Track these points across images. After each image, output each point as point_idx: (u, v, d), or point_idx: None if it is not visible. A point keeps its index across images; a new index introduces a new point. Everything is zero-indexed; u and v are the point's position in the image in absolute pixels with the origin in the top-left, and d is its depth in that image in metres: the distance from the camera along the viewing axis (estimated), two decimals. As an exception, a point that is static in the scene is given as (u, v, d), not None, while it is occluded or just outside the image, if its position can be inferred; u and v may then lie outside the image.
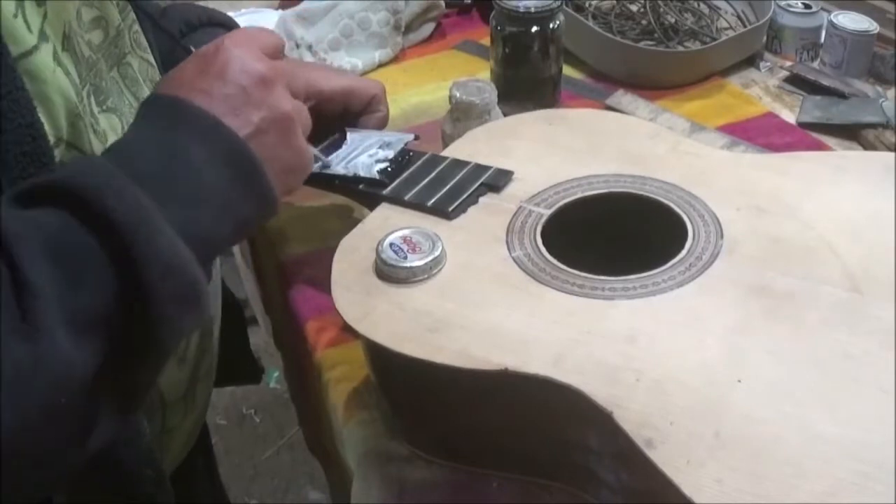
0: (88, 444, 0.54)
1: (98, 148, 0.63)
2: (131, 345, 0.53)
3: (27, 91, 0.55)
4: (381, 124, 0.87)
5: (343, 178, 0.81)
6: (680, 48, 1.15)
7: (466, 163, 0.79)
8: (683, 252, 0.68)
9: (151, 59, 0.75)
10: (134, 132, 0.61)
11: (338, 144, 0.84)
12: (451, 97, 0.90)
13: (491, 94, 0.90)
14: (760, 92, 1.12)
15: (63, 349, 0.49)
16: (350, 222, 0.80)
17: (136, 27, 0.74)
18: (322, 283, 0.73)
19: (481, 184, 0.77)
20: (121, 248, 0.52)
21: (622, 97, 1.08)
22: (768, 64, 1.16)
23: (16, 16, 0.55)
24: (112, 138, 0.65)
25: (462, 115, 0.90)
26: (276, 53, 0.69)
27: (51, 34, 0.59)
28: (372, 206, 0.78)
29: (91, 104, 0.64)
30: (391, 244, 0.69)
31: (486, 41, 1.09)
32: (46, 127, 0.57)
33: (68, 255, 0.51)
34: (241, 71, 0.64)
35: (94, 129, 0.63)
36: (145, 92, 0.72)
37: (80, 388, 0.51)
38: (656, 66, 1.13)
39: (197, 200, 0.58)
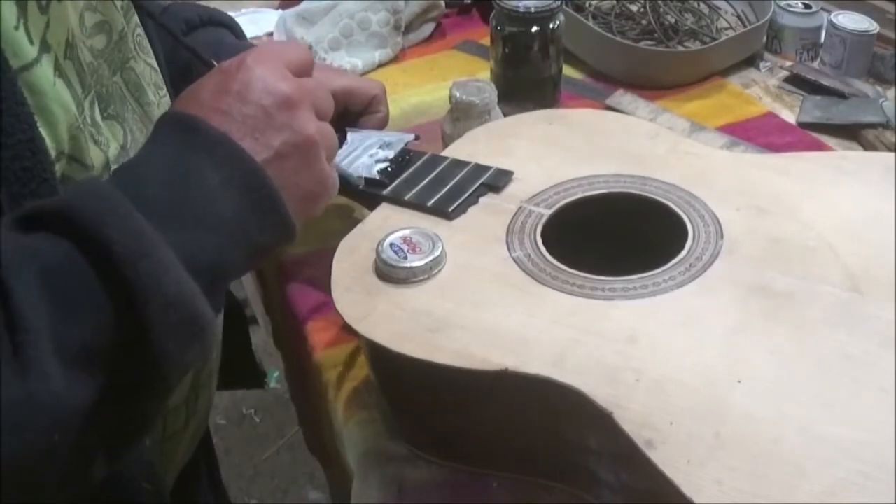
0: (90, 476, 0.53)
1: (99, 159, 0.61)
2: (132, 379, 0.52)
3: (28, 105, 0.53)
4: (382, 124, 0.86)
5: (343, 177, 0.81)
6: (680, 48, 1.15)
7: (466, 163, 0.79)
8: (683, 252, 0.68)
9: (155, 64, 0.75)
10: (146, 151, 0.59)
11: (338, 144, 0.84)
12: (451, 97, 0.90)
13: (491, 94, 0.90)
14: (760, 92, 1.12)
15: (55, 385, 0.47)
16: (350, 222, 0.80)
17: (140, 31, 0.73)
18: (322, 283, 0.73)
19: (481, 184, 0.77)
20: (119, 280, 0.50)
21: (622, 97, 1.08)
22: (768, 64, 1.16)
23: (17, 27, 0.54)
24: (114, 146, 0.64)
25: (462, 115, 0.90)
26: (304, 70, 0.66)
27: (53, 43, 0.57)
28: (372, 206, 0.78)
29: (94, 112, 0.63)
30: (391, 244, 0.69)
31: (486, 41, 1.09)
32: (47, 141, 0.55)
33: (64, 286, 0.49)
34: (263, 91, 0.61)
35: (96, 139, 0.62)
36: (149, 97, 0.71)
37: (75, 423, 0.49)
38: (656, 66, 1.13)
39: (208, 227, 0.56)
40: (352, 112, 0.85)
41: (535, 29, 1.00)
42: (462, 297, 0.66)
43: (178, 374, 0.54)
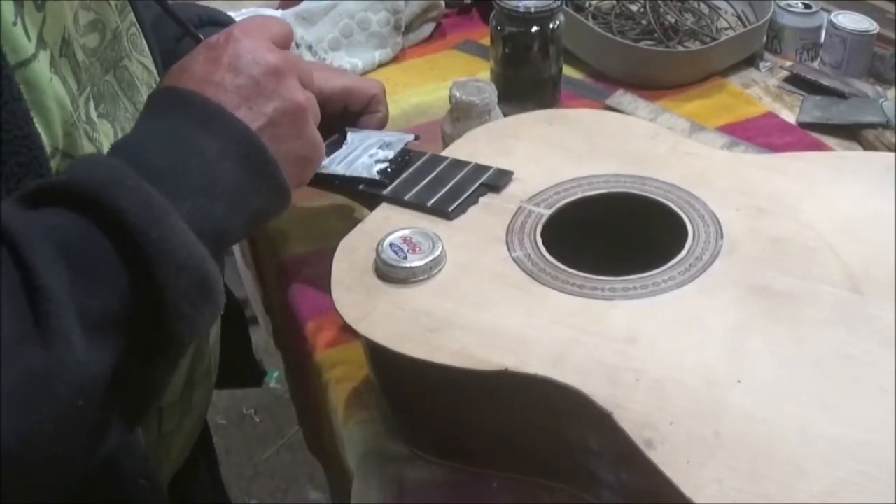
0: (101, 447, 0.54)
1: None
2: (147, 343, 0.53)
3: (24, 101, 0.54)
4: (381, 124, 0.87)
5: (343, 178, 0.81)
6: (680, 48, 1.15)
7: (466, 163, 0.79)
8: (683, 252, 0.68)
9: (150, 64, 0.75)
10: (143, 126, 0.61)
11: (338, 144, 0.84)
12: (451, 97, 0.90)
13: (491, 94, 0.90)
14: (760, 92, 1.12)
15: (79, 353, 0.49)
16: (350, 222, 0.80)
17: (135, 29, 0.73)
18: (322, 283, 0.73)
19: (481, 184, 0.77)
20: (133, 248, 0.52)
21: (622, 97, 1.08)
22: (768, 64, 1.16)
23: (15, 23, 0.54)
24: (106, 145, 0.65)
25: (462, 115, 0.90)
26: (286, 43, 0.69)
27: (49, 40, 0.58)
28: (372, 206, 0.78)
29: (89, 110, 0.63)
30: (391, 244, 0.69)
31: (486, 41, 1.09)
32: (43, 137, 0.56)
33: (82, 257, 0.51)
34: (252, 62, 0.63)
35: (90, 136, 0.62)
36: (142, 97, 0.71)
37: (97, 390, 0.50)
38: (656, 66, 1.13)
39: (210, 194, 0.58)
40: (351, 112, 0.85)
41: (535, 29, 1.00)
42: (462, 298, 0.66)
43: (191, 335, 0.56)
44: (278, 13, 1.25)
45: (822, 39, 1.15)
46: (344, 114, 0.85)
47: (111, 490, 0.63)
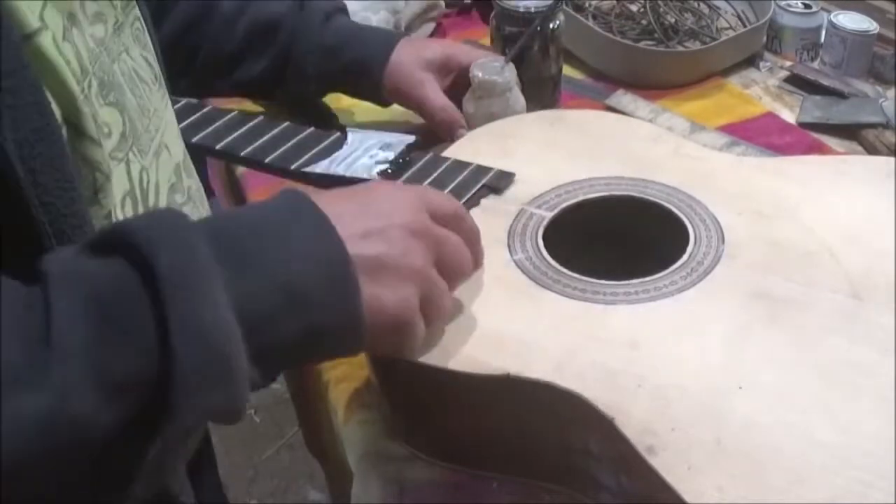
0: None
1: (104, 139, 0.61)
2: (153, 416, 0.49)
3: (32, 69, 0.53)
4: None
5: (343, 178, 0.80)
6: (680, 48, 1.15)
7: (468, 164, 0.79)
8: (685, 257, 0.68)
9: (151, 58, 0.75)
10: (241, 207, 0.58)
11: (338, 145, 0.84)
12: (472, 77, 0.93)
13: (511, 72, 0.94)
14: (760, 92, 1.12)
15: (81, 407, 0.45)
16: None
17: (139, 24, 0.73)
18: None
19: (483, 185, 0.77)
20: (160, 301, 0.47)
21: (622, 97, 1.08)
22: (768, 64, 1.16)
23: None
24: (115, 133, 0.64)
25: (485, 94, 0.93)
26: (445, 220, 0.62)
27: (50, 24, 0.58)
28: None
29: (95, 96, 0.63)
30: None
31: (486, 41, 1.08)
32: (54, 106, 0.55)
33: (111, 309, 0.48)
34: (388, 207, 0.59)
35: (96, 120, 0.62)
36: (142, 90, 0.72)
37: (90, 451, 0.47)
38: (656, 66, 1.13)
39: (272, 283, 0.52)
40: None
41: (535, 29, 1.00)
42: (463, 300, 0.66)
43: (192, 417, 0.50)
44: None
45: (822, 39, 1.15)
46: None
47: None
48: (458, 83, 0.97)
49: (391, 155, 0.81)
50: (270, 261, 0.53)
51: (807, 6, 1.17)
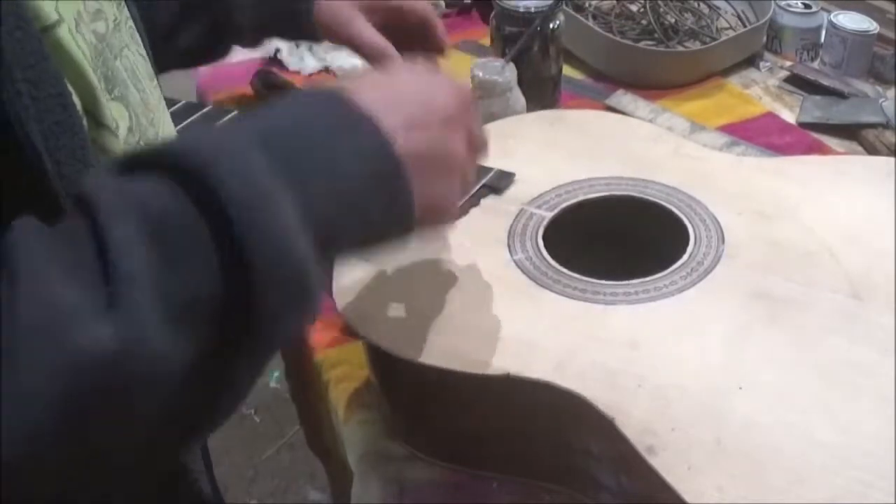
0: (156, 459, 0.49)
1: (117, 130, 0.61)
2: (232, 341, 0.47)
3: (53, 61, 0.53)
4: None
5: None
6: (680, 48, 1.15)
7: (468, 164, 0.79)
8: (685, 257, 0.68)
9: (145, 54, 0.75)
10: (275, 105, 0.54)
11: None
12: (472, 77, 0.94)
13: (511, 72, 0.94)
14: (760, 92, 1.12)
15: (154, 343, 0.43)
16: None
17: (132, 23, 0.74)
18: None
19: (483, 185, 0.77)
20: (227, 225, 0.45)
21: (622, 97, 1.08)
22: (768, 64, 1.16)
23: None
24: (123, 127, 0.65)
25: (486, 94, 0.93)
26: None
27: (65, 16, 0.59)
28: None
29: (102, 92, 0.64)
30: (392, 246, 0.69)
31: (486, 41, 1.08)
32: (75, 97, 0.55)
33: (168, 233, 0.45)
34: (425, 96, 0.58)
35: (106, 114, 0.63)
36: (143, 84, 0.72)
37: (169, 386, 0.44)
38: (656, 66, 1.13)
39: (329, 182, 0.51)
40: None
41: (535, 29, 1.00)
42: (464, 300, 0.66)
43: (279, 335, 0.49)
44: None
45: (822, 39, 1.15)
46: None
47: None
48: (390, 19, 0.95)
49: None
50: (321, 160, 0.51)
51: (807, 6, 1.17)
